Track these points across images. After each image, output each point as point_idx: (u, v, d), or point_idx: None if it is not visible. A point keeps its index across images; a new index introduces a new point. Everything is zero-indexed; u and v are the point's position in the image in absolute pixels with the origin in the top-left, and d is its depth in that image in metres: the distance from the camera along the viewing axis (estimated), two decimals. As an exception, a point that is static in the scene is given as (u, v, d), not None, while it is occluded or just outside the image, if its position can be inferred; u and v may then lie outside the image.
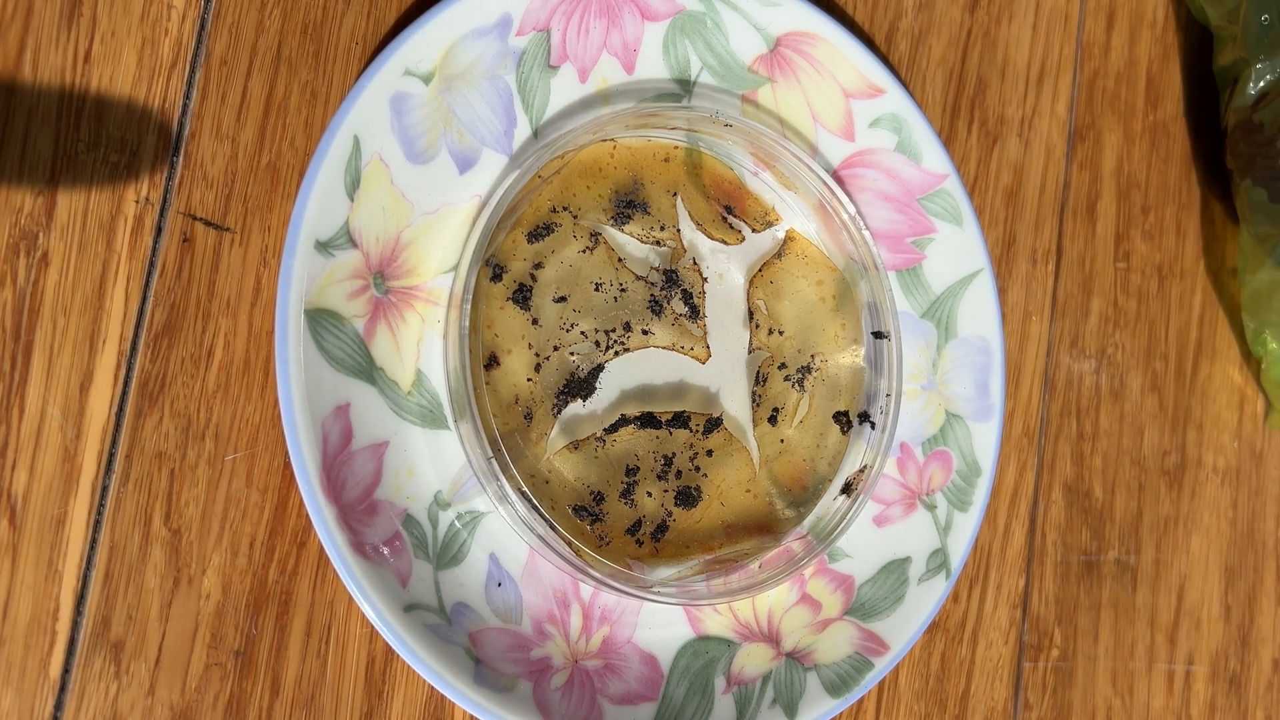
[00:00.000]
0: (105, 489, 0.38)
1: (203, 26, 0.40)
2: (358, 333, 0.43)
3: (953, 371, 0.53)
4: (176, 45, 0.40)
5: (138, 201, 0.40)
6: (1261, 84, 0.44)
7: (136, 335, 0.39)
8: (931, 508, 0.52)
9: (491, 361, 0.46)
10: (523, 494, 0.44)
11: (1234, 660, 0.50)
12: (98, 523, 0.38)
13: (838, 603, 0.50)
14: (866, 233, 0.49)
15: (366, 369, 0.43)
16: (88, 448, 0.38)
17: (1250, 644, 0.51)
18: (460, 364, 0.44)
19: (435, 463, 0.45)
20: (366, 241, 0.43)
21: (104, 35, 0.38)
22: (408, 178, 0.44)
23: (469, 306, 0.43)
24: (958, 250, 0.52)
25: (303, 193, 0.43)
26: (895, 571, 0.51)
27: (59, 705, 0.36)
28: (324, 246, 0.43)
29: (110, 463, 0.38)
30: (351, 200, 0.43)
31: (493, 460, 0.44)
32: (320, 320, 0.43)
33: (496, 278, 0.47)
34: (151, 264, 0.40)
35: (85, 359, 0.38)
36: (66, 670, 0.36)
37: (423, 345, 0.46)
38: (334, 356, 0.44)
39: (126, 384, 0.39)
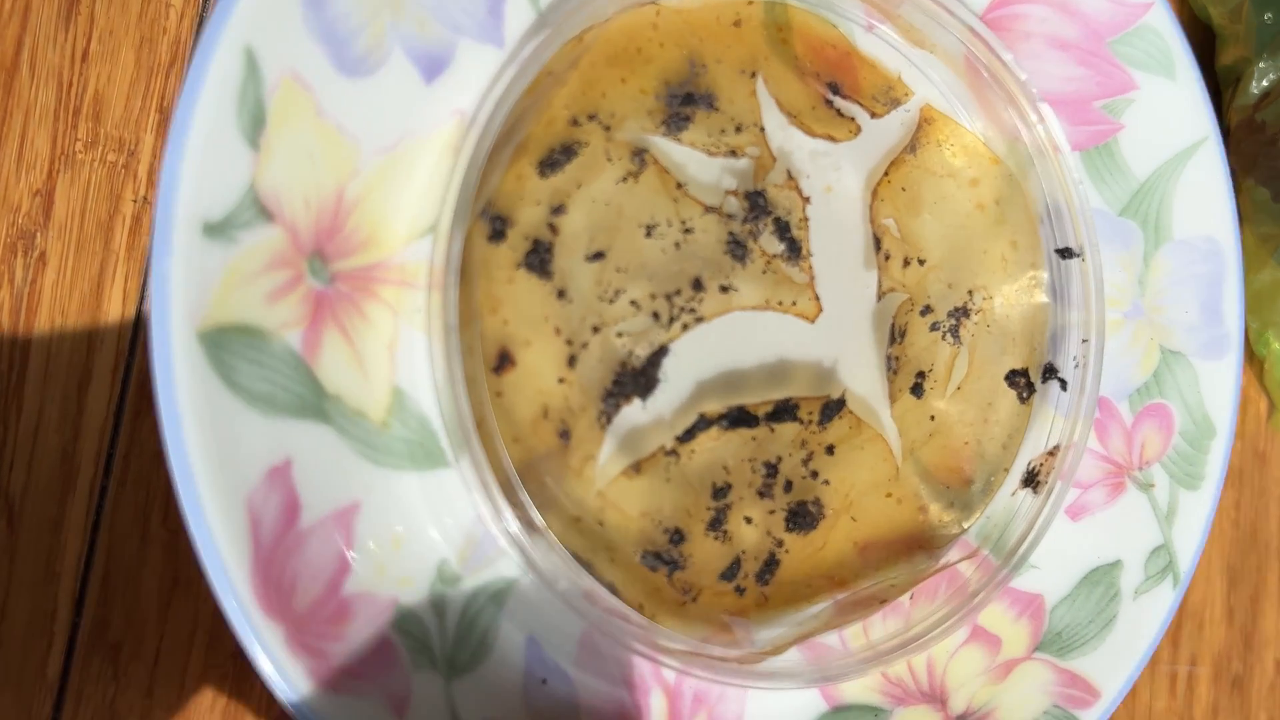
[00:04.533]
0: (104, 489, 0.38)
1: (200, 25, 0.40)
2: (292, 351, 0.32)
3: (1168, 290, 0.41)
4: (175, 44, 0.40)
5: (135, 201, 0.39)
6: (1264, 83, 0.46)
7: (134, 335, 0.39)
8: (1147, 487, 0.41)
9: (503, 361, 0.35)
10: (566, 551, 0.35)
11: (1237, 662, 0.50)
12: (96, 524, 0.38)
13: (1023, 635, 0.40)
14: (1042, 103, 0.38)
15: (312, 402, 0.33)
16: (85, 448, 0.38)
17: (1254, 646, 0.50)
18: (450, 374, 0.33)
19: (436, 519, 0.34)
20: (290, 209, 0.32)
21: (102, 34, 0.39)
22: (343, 101, 0.33)
23: (457, 284, 0.33)
24: (1169, 113, 0.41)
25: (170, 151, 0.29)
26: (1101, 583, 0.40)
27: (57, 707, 0.37)
28: (218, 230, 0.31)
29: (108, 463, 0.38)
30: (255, 149, 0.31)
31: (510, 510, 0.33)
32: (226, 345, 0.31)
33: (498, 236, 0.35)
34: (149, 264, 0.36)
35: (83, 359, 0.39)
36: (64, 672, 0.37)
37: (398, 350, 0.34)
38: (256, 395, 0.32)
39: (125, 384, 0.39)
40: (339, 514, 0.33)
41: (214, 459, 0.31)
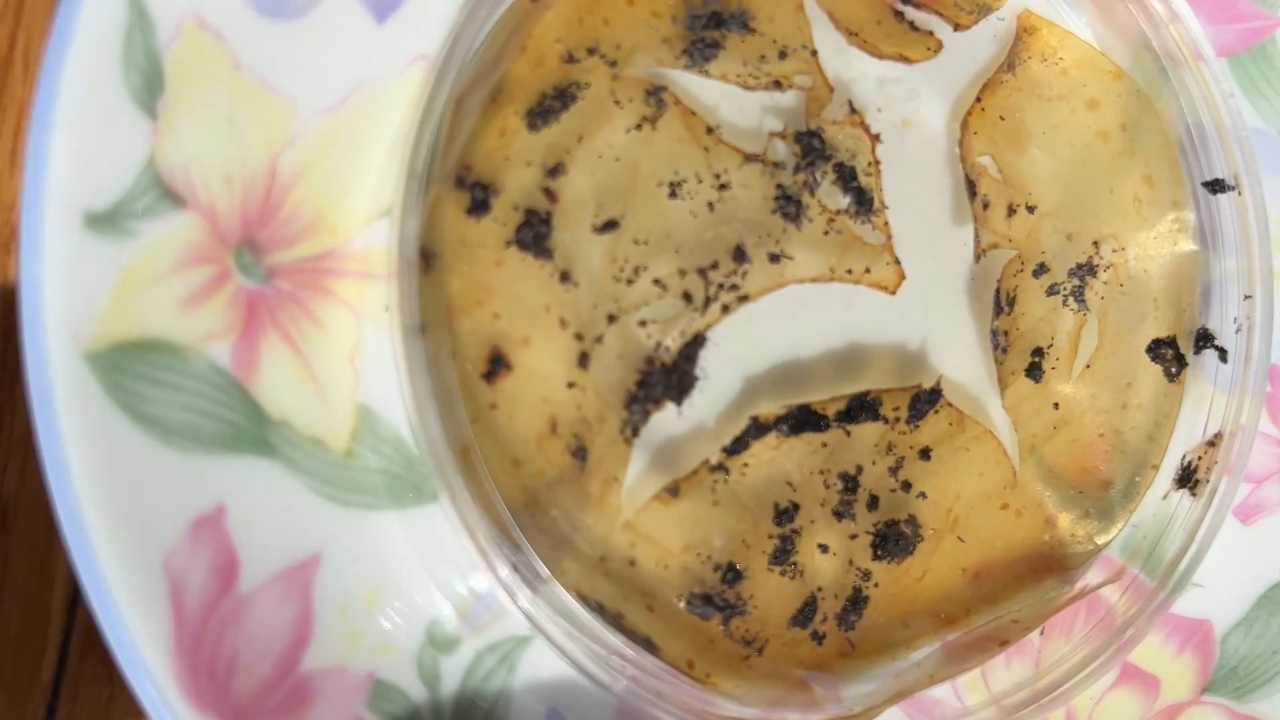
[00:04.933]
0: (98, 491, 0.37)
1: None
2: (219, 368, 0.27)
3: None
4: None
5: (132, 198, 0.36)
6: None
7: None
8: None
9: (496, 366, 0.28)
10: (586, 601, 0.28)
11: None
12: (90, 525, 0.36)
13: (1188, 673, 0.33)
14: None
15: (251, 432, 0.27)
16: (79, 450, 0.35)
17: None
18: (415, 389, 0.27)
19: (426, 566, 0.28)
20: (205, 190, 0.27)
21: (99, 30, 0.37)
22: (268, 50, 0.27)
23: (415, 272, 0.27)
24: None
25: (35, 125, 0.25)
26: None
27: (51, 710, 0.36)
28: (107, 221, 0.25)
29: (103, 465, 0.35)
30: (152, 116, 0.26)
31: (506, 557, 0.28)
32: (126, 367, 0.25)
33: (480, 208, 0.28)
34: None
35: (78, 360, 0.36)
36: (59, 674, 0.36)
37: (363, 360, 0.28)
38: (172, 427, 0.26)
39: (120, 385, 0.35)
40: (292, 570, 0.28)
41: (116, 513, 0.25)
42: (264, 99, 0.27)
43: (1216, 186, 0.31)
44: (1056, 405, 0.31)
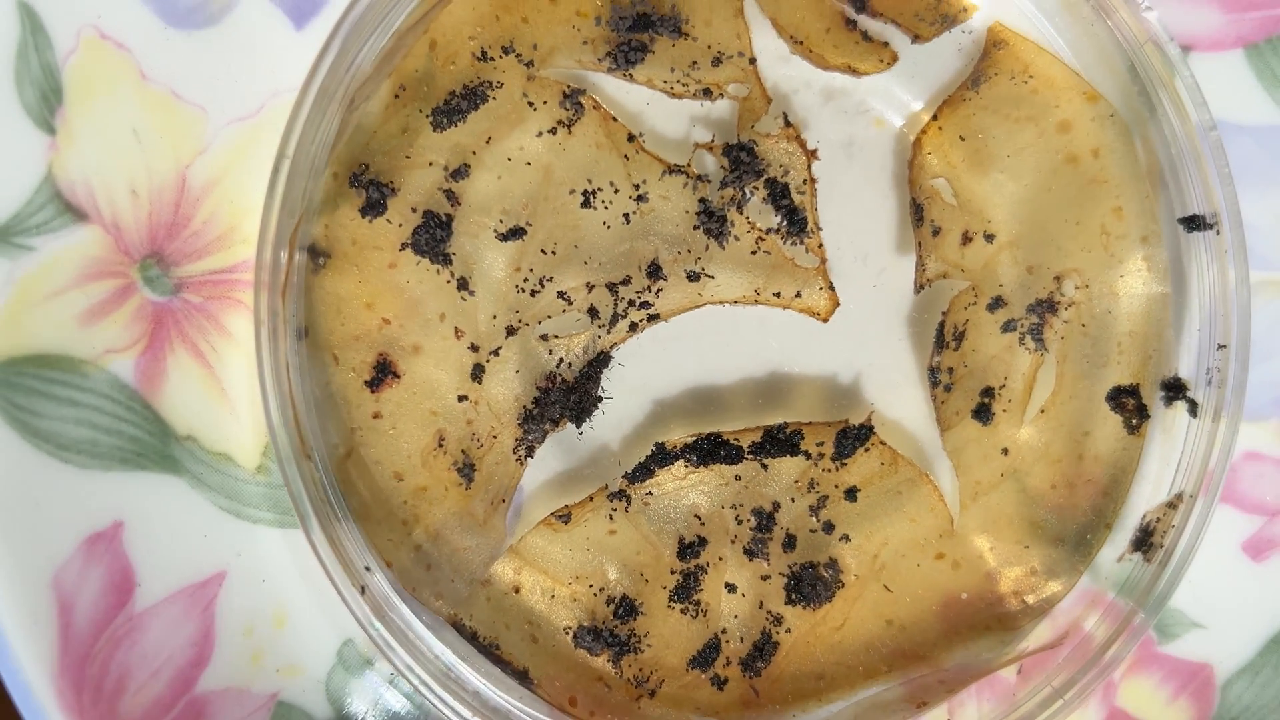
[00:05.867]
0: None
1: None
2: (120, 383, 0.27)
3: None
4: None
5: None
6: None
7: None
8: None
9: (382, 373, 0.27)
10: (461, 628, 0.27)
11: None
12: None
13: None
14: (1149, 10, 0.28)
15: (154, 447, 0.28)
16: None
17: None
18: (282, 396, 0.26)
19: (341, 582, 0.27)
20: (108, 204, 0.27)
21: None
22: (176, 60, 0.27)
23: (275, 274, 0.26)
24: None
25: None
26: None
27: None
28: (2, 238, 0.27)
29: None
30: (49, 131, 0.27)
31: (354, 577, 0.27)
32: (18, 383, 0.27)
33: (375, 207, 0.27)
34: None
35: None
36: None
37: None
38: (67, 443, 0.27)
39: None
40: (194, 588, 0.28)
41: (2, 528, 0.26)
42: (173, 109, 0.28)
43: (1193, 224, 0.28)
44: (1006, 451, 0.29)
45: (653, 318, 0.28)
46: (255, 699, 0.28)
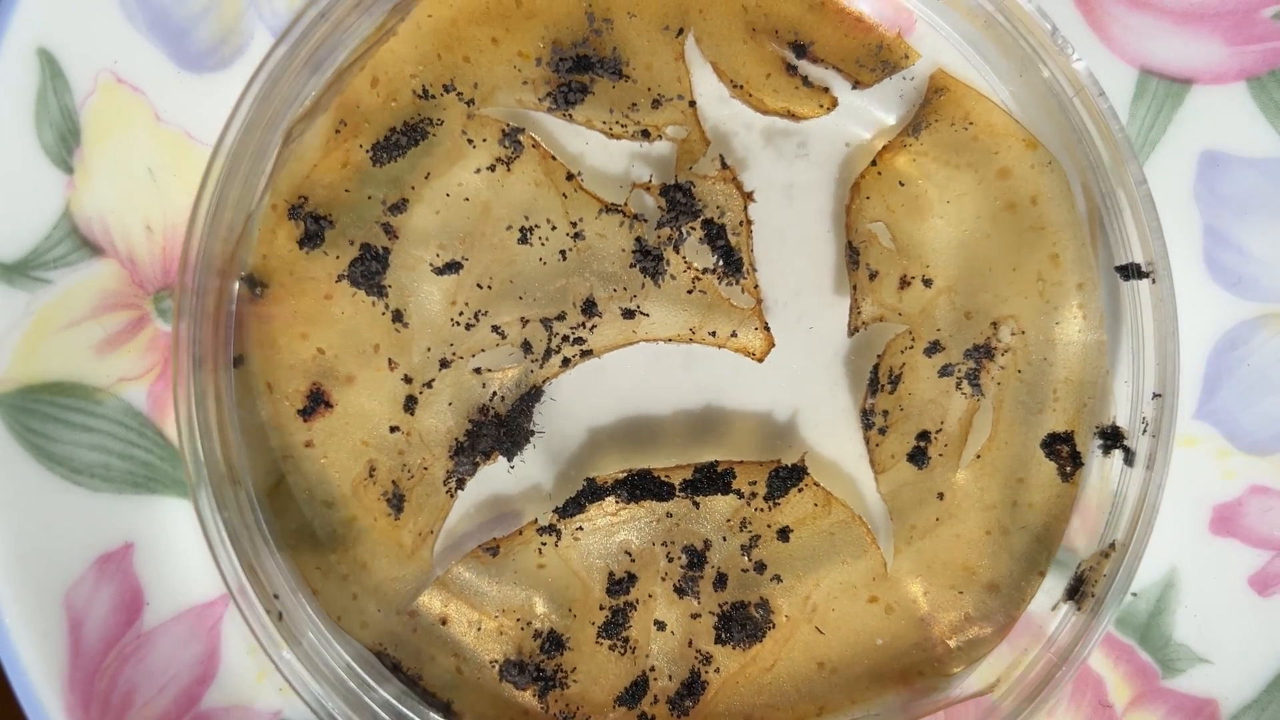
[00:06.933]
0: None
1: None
2: (133, 409, 0.28)
3: None
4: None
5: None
6: None
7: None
8: None
9: (315, 403, 0.28)
10: (384, 657, 0.27)
11: None
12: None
13: None
14: (1078, 60, 0.28)
15: (164, 471, 0.28)
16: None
17: None
18: (206, 423, 0.26)
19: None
20: (123, 239, 0.28)
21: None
22: (189, 101, 0.28)
23: (195, 302, 0.26)
24: None
25: None
26: None
27: None
28: (18, 271, 0.28)
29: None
30: (67, 170, 0.28)
31: (266, 606, 0.27)
32: (34, 409, 0.28)
33: (313, 239, 0.27)
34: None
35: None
36: None
37: None
38: (81, 467, 0.28)
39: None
40: (201, 608, 0.29)
41: (16, 548, 0.27)
42: (186, 149, 0.29)
43: (1129, 272, 0.28)
44: (941, 496, 0.29)
45: (586, 353, 0.28)
46: (258, 717, 0.28)
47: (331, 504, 0.27)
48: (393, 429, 0.27)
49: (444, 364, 0.27)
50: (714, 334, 0.28)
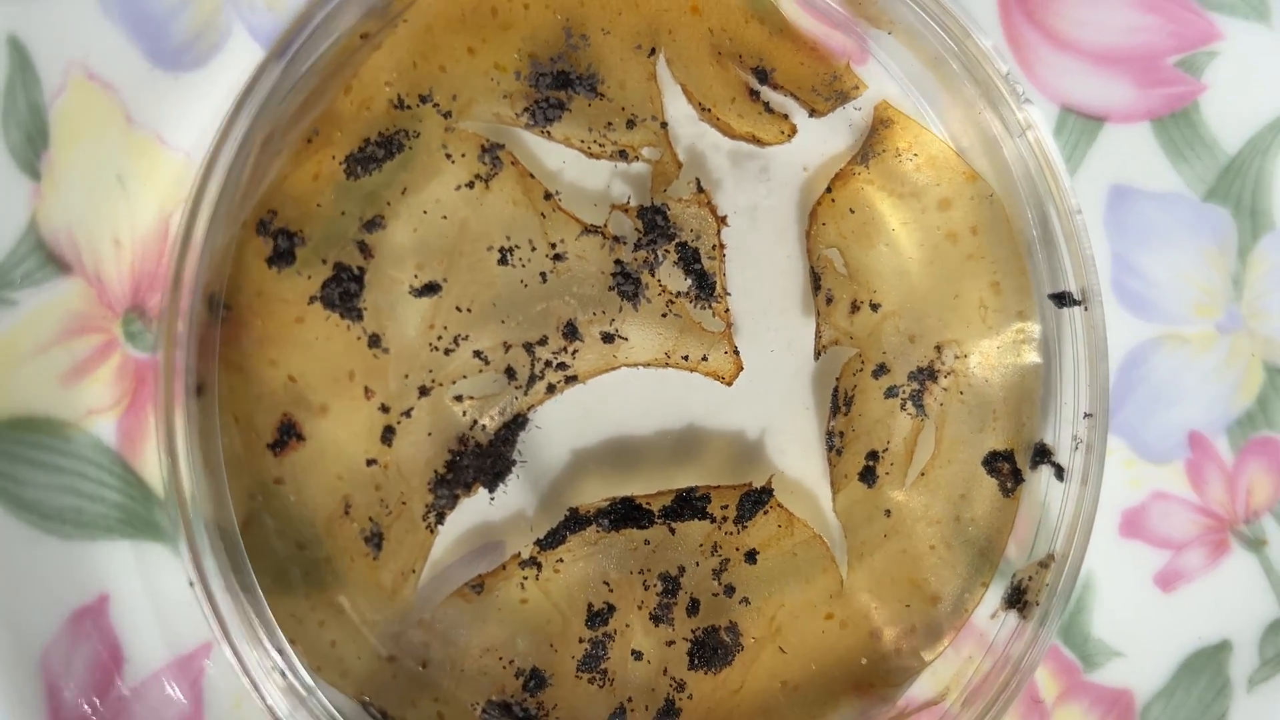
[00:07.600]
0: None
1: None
2: (103, 445, 0.26)
3: (1271, 291, 0.33)
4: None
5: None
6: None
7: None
8: (1258, 545, 0.33)
9: (286, 435, 0.26)
10: (368, 707, 0.26)
11: None
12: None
13: None
14: (1027, 103, 0.29)
15: (137, 512, 0.26)
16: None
17: None
18: (172, 458, 0.25)
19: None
20: (91, 254, 0.26)
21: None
22: (162, 102, 0.26)
23: (190, 330, 0.24)
24: (1264, 68, 0.33)
25: None
26: (1205, 670, 0.33)
27: None
28: None
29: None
30: (34, 176, 0.25)
31: (265, 655, 0.25)
32: (6, 449, 0.25)
33: (283, 257, 0.25)
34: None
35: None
36: None
37: None
38: (51, 511, 0.26)
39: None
40: (182, 660, 0.27)
41: None
42: (157, 155, 0.26)
43: (1063, 300, 0.30)
44: (888, 513, 0.30)
45: (571, 379, 0.27)
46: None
47: (304, 545, 0.25)
48: (369, 462, 0.26)
49: (423, 391, 0.26)
50: (686, 358, 0.28)
